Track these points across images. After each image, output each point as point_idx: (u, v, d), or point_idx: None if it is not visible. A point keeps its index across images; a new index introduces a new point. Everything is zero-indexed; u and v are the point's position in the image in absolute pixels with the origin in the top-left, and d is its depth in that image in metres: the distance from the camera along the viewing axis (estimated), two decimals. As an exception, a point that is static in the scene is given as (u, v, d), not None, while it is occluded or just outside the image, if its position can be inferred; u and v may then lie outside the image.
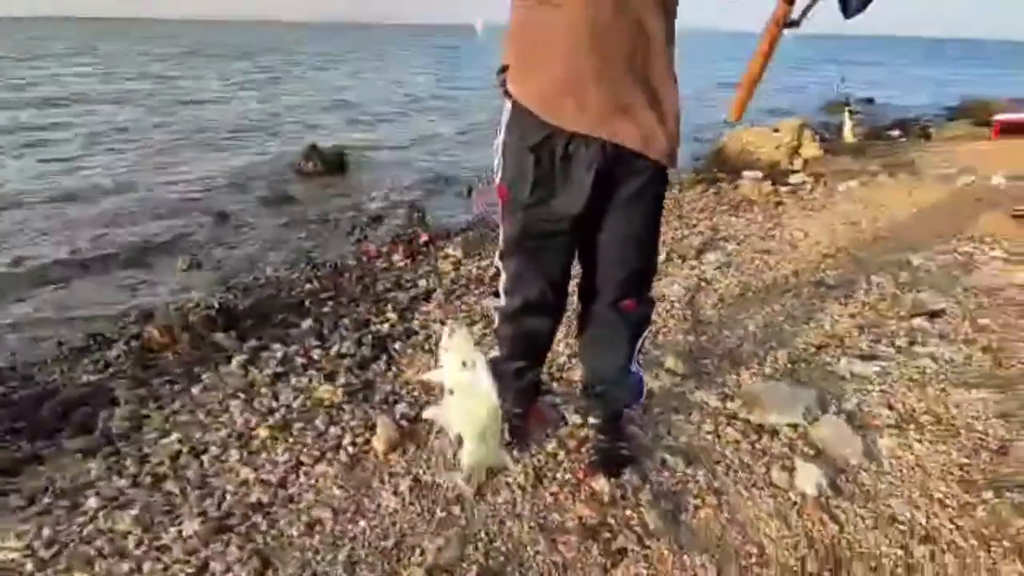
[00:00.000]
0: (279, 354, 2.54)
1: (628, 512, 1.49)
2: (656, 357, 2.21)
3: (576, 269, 1.58)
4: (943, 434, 1.69)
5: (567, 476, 1.63)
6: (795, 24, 1.23)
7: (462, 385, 1.04)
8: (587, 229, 1.44)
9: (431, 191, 5.95)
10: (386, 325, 2.88)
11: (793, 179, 5.34)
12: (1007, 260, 2.90)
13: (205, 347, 2.69)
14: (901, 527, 1.41)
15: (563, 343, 2.24)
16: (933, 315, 2.38)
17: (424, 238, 4.24)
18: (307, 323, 2.96)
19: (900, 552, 1.34)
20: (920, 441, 1.67)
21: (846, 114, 7.54)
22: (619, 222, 1.41)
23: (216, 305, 3.09)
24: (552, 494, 1.57)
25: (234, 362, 2.47)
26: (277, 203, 5.39)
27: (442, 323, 2.81)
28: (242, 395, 2.17)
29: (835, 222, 3.87)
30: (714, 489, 1.58)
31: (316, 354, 2.58)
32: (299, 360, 2.49)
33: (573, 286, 1.62)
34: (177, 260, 4.04)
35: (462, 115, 10.99)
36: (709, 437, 1.80)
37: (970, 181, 4.69)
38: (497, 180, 1.47)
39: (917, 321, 2.34)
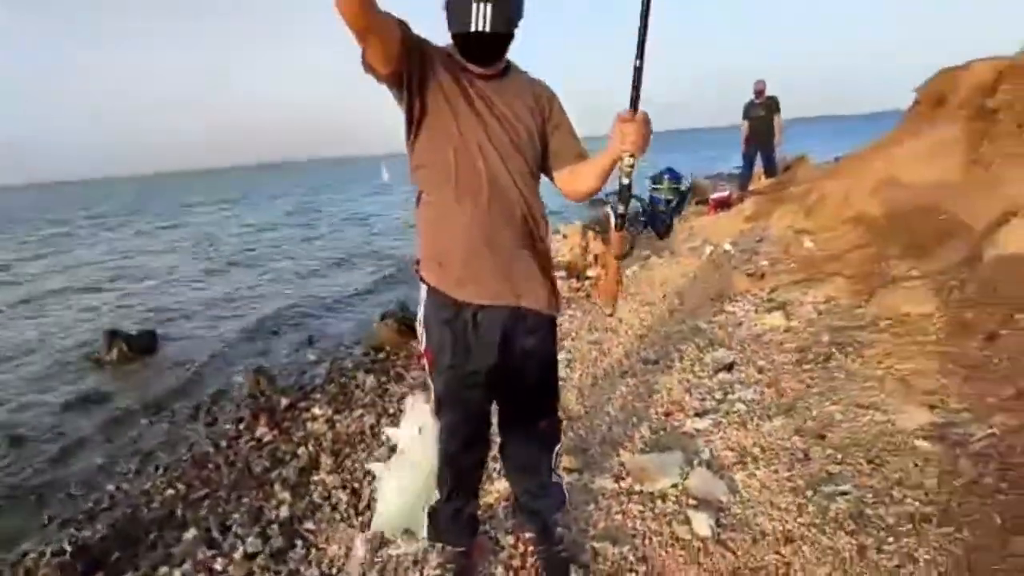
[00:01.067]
0: (175, 581, 2.35)
1: (589, 603, 1.77)
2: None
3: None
4: (769, 458, 2.32)
5: (528, 593, 1.86)
6: (628, 254, 1.79)
7: (412, 445, 1.25)
8: (500, 375, 1.79)
9: (267, 349, 5.77)
10: (284, 507, 2.82)
11: (591, 273, 6.39)
12: (757, 310, 3.95)
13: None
14: (770, 538, 1.92)
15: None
16: (729, 368, 3.18)
17: (285, 402, 4.16)
18: (190, 533, 2.76)
19: (776, 556, 1.84)
20: (758, 469, 2.26)
21: (609, 208, 9.21)
22: (526, 365, 1.77)
23: (67, 548, 2.70)
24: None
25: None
26: (86, 405, 4.75)
27: (344, 487, 2.87)
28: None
29: (636, 305, 4.79)
30: (641, 558, 1.95)
31: (218, 564, 2.44)
32: (203, 579, 2.34)
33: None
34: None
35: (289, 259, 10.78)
36: (619, 517, 2.18)
37: (711, 251, 6.14)
38: (423, 347, 1.76)
39: (722, 375, 3.10)
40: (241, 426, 3.95)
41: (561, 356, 3.96)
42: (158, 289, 9.05)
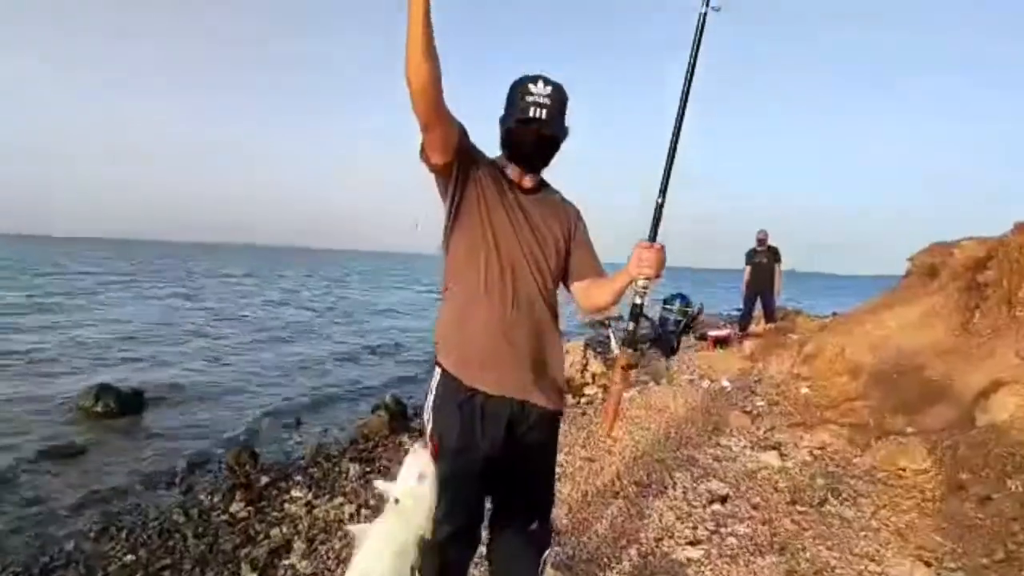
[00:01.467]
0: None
1: None
2: (538, 572, 2.49)
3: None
4: (760, 596, 2.25)
5: None
6: (634, 367, 1.92)
7: (412, 493, 1.18)
8: (500, 468, 1.82)
9: (254, 427, 5.66)
10: (249, 588, 2.67)
11: (588, 391, 6.42)
12: (752, 447, 3.95)
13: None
14: None
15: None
16: (723, 500, 3.14)
17: (265, 480, 4.04)
18: (145, 604, 2.60)
19: None
20: (748, 605, 2.19)
21: (610, 331, 9.40)
22: (527, 459, 1.82)
23: (14, 601, 2.54)
24: None
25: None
26: (60, 455, 4.60)
27: (315, 575, 2.75)
28: None
29: (632, 428, 4.78)
30: None
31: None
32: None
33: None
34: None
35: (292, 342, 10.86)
36: (602, 639, 2.08)
37: (708, 385, 6.21)
38: (428, 431, 1.81)
39: (715, 507, 3.06)
40: (216, 499, 3.81)
41: (553, 468, 3.91)
42: (161, 354, 9.00)
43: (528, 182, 1.77)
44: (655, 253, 1.61)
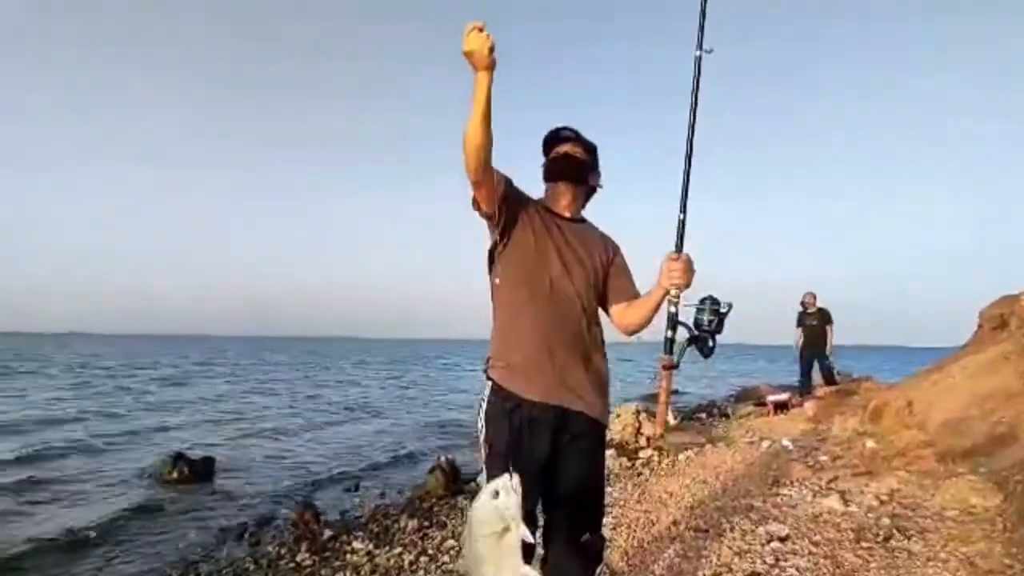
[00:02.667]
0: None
1: None
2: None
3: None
4: (822, 619, 2.21)
5: None
6: (676, 366, 2.08)
7: (480, 512, 1.24)
8: (549, 475, 1.95)
9: (316, 488, 5.87)
10: (319, 621, 2.78)
11: (642, 454, 6.32)
12: (815, 495, 3.83)
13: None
14: None
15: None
16: (783, 539, 3.07)
17: (328, 533, 4.19)
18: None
19: None
20: (809, 627, 2.15)
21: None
22: (574, 469, 1.93)
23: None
24: None
25: None
26: (141, 513, 4.91)
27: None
28: None
29: (688, 483, 4.70)
30: None
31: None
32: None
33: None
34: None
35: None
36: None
37: (769, 445, 6.03)
38: (482, 438, 1.98)
39: (774, 544, 3.00)
40: (283, 549, 3.97)
41: (608, 520, 3.90)
42: (232, 424, 9.53)
43: (570, 212, 1.98)
44: (683, 263, 1.80)
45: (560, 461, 1.90)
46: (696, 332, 1.94)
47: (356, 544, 4.01)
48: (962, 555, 2.52)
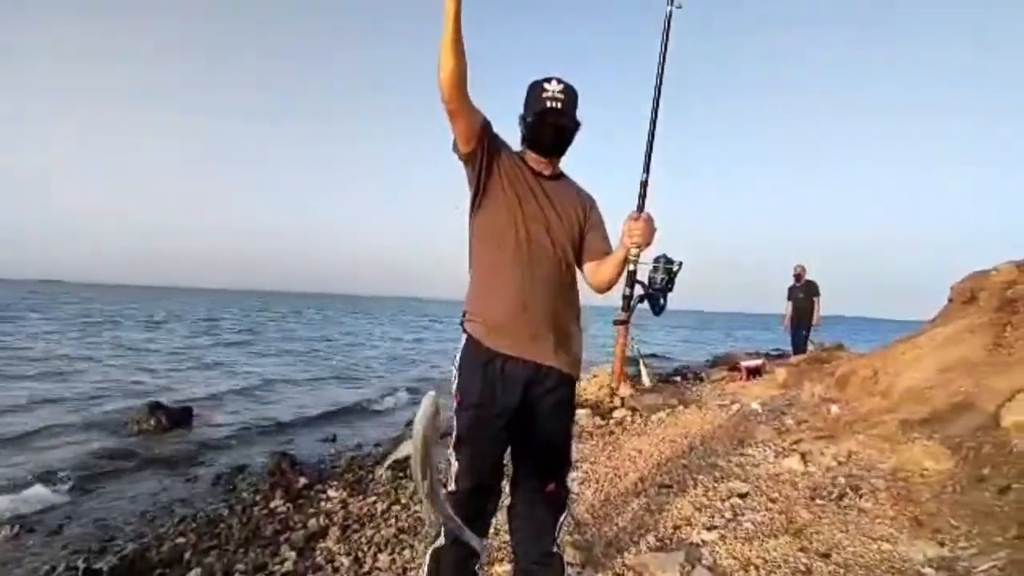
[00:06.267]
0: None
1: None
2: (557, 551, 2.60)
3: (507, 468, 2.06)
4: (771, 569, 2.31)
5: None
6: (625, 322, 2.10)
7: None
8: (518, 427, 1.99)
9: (292, 438, 5.93)
10: (288, 563, 2.87)
11: (616, 414, 6.46)
12: (777, 455, 3.96)
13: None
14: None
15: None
16: (742, 496, 3.19)
17: (303, 482, 4.26)
18: (194, 573, 2.81)
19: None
20: (759, 576, 2.26)
21: (641, 364, 9.43)
22: (543, 422, 1.97)
23: (79, 565, 2.80)
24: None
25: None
26: (117, 458, 4.94)
27: (348, 554, 2.92)
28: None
29: (658, 442, 4.83)
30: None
31: (217, 601, 2.48)
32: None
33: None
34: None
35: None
36: (616, 606, 2.18)
37: (738, 408, 6.19)
38: (453, 388, 2.00)
39: (734, 500, 3.12)
40: (258, 496, 4.04)
41: (577, 475, 4.00)
42: (207, 373, 9.55)
43: (547, 170, 1.98)
44: (643, 223, 1.81)
45: (530, 413, 1.94)
46: (650, 290, 1.96)
47: (331, 492, 4.09)
48: (910, 514, 2.64)
